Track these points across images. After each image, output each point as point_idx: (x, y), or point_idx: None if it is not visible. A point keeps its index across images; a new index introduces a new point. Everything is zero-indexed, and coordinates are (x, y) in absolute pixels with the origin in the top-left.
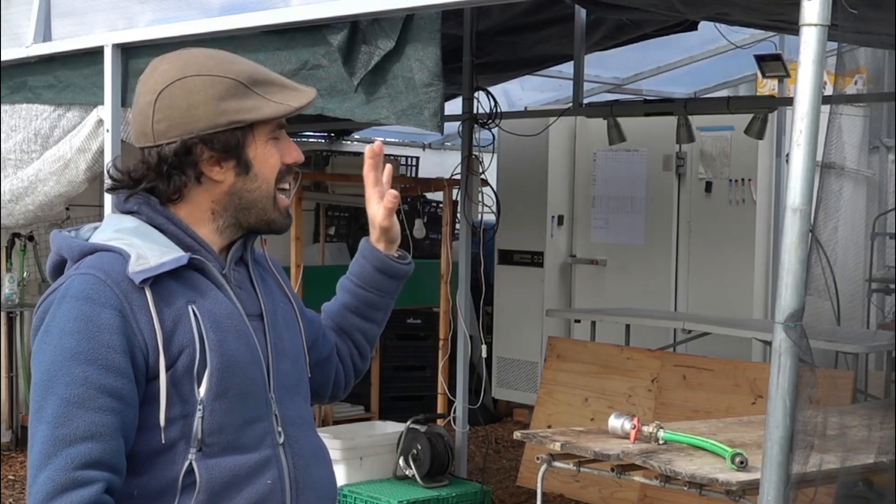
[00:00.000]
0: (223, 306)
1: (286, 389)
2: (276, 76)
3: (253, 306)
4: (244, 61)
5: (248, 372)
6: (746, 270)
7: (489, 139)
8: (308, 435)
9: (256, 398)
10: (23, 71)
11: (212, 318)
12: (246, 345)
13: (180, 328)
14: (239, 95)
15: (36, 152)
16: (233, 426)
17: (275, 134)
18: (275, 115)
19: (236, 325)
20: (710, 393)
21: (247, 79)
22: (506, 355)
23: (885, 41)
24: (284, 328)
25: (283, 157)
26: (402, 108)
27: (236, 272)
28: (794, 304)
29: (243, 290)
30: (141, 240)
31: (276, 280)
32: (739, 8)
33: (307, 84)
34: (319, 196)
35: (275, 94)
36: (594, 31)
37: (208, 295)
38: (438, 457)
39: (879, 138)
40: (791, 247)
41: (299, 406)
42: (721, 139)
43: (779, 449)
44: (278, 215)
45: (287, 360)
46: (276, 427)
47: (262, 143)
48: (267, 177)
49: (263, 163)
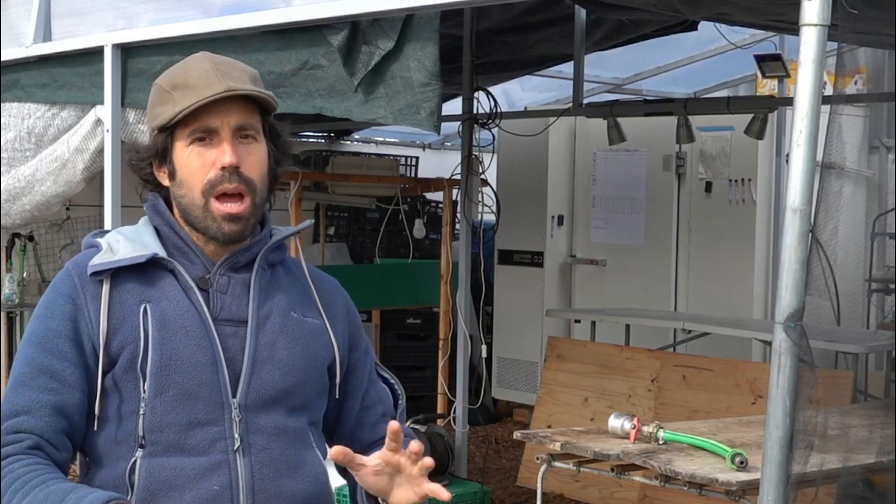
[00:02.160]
0: (180, 308)
1: (264, 398)
2: (202, 77)
3: (237, 311)
4: (201, 67)
5: (195, 373)
6: (746, 270)
7: (489, 139)
8: (287, 446)
9: (206, 400)
10: (16, 69)
11: (161, 318)
12: (197, 346)
13: (127, 324)
14: (162, 101)
15: (30, 151)
16: (175, 426)
17: (195, 136)
18: (168, 118)
19: (188, 326)
20: (710, 393)
21: (169, 83)
22: (506, 355)
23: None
24: (286, 338)
25: (214, 161)
26: (400, 108)
27: (226, 277)
28: (794, 304)
29: (228, 295)
30: (128, 238)
31: (305, 290)
32: (739, 8)
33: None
34: (319, 196)
35: (184, 97)
36: (594, 31)
37: (168, 296)
38: (438, 457)
39: (879, 138)
40: (791, 247)
41: (281, 417)
42: (721, 139)
43: (779, 449)
44: (212, 223)
45: (274, 369)
46: (233, 433)
47: (181, 147)
48: (191, 183)
49: (184, 168)
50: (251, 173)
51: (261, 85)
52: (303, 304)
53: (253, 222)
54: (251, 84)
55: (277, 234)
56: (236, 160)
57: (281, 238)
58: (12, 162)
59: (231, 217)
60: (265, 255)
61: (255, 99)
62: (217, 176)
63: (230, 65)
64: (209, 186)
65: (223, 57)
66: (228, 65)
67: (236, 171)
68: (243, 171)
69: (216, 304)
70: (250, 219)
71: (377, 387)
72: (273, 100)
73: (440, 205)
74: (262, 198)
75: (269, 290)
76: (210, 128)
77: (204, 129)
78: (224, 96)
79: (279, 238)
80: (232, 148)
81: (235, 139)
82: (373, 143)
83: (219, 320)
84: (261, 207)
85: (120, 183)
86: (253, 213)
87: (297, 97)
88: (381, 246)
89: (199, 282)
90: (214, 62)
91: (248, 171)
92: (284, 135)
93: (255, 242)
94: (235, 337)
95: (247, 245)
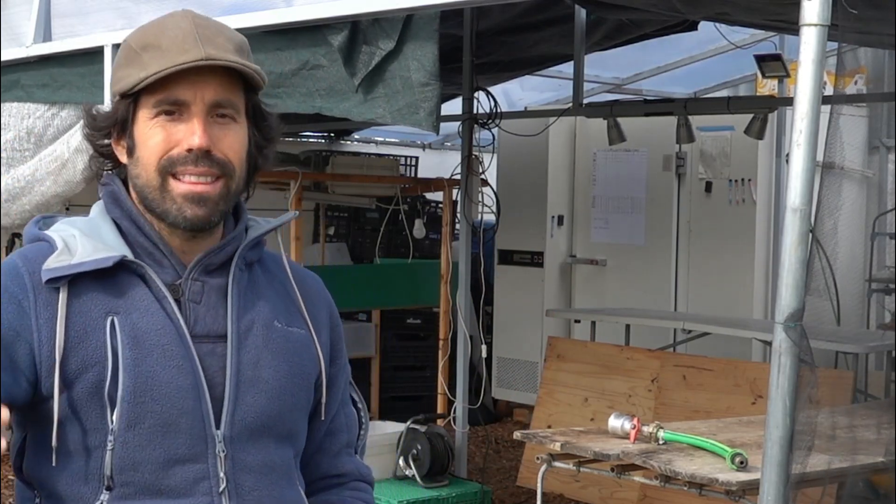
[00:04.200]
0: (154, 321)
1: (250, 428)
2: (178, 39)
3: (213, 324)
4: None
5: (176, 400)
6: (746, 270)
7: (489, 139)
8: (273, 485)
9: (188, 433)
10: (16, 69)
11: (133, 334)
12: (176, 368)
13: (89, 341)
14: (128, 62)
15: (29, 151)
16: (151, 464)
17: (162, 108)
18: (132, 83)
19: (165, 344)
20: (710, 393)
21: (139, 42)
22: (506, 355)
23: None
24: (271, 354)
25: (180, 140)
26: (398, 108)
27: (199, 282)
28: (794, 304)
29: (202, 305)
30: (85, 233)
31: (289, 294)
32: (739, 8)
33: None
34: (319, 196)
35: (153, 60)
36: (594, 31)
37: (139, 306)
38: (438, 457)
39: (879, 138)
40: (791, 247)
41: (269, 450)
42: (721, 139)
43: (779, 449)
44: (171, 205)
45: (260, 392)
46: (218, 471)
47: (144, 119)
48: (146, 161)
49: (143, 145)
50: (226, 154)
51: (248, 56)
52: (287, 312)
53: (222, 209)
54: (236, 54)
55: (255, 229)
56: (207, 142)
57: (261, 234)
58: (11, 162)
59: (195, 197)
60: (242, 254)
61: (239, 72)
62: (180, 155)
63: (215, 29)
64: (168, 163)
65: (209, 18)
66: (213, 29)
67: (206, 154)
68: (215, 154)
69: (189, 316)
70: (219, 203)
71: (347, 410)
72: (261, 76)
73: (440, 205)
74: (239, 185)
75: (249, 297)
76: (180, 100)
77: (173, 101)
78: (201, 65)
79: (259, 233)
80: (203, 127)
81: (210, 117)
82: (373, 143)
83: (194, 336)
84: (235, 196)
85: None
86: (224, 197)
87: (298, 97)
88: (381, 246)
89: (170, 289)
90: (196, 23)
91: (222, 153)
92: (271, 119)
93: (231, 239)
94: (213, 355)
95: (221, 243)
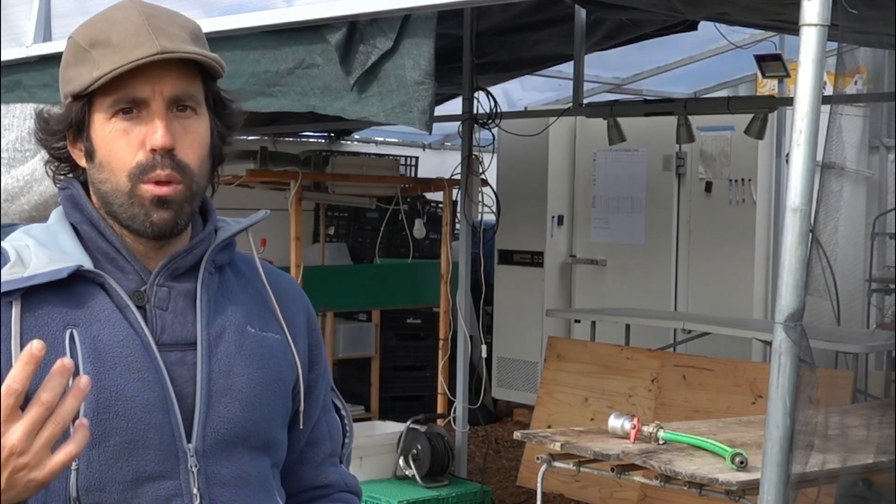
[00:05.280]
0: (116, 332)
1: (224, 440)
2: (129, 33)
3: (182, 332)
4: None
5: (142, 415)
6: (746, 270)
7: (489, 139)
8: (250, 498)
9: (157, 449)
10: (18, 70)
11: (93, 347)
12: (141, 381)
13: (48, 356)
14: (77, 61)
15: (30, 151)
16: (119, 483)
17: (119, 107)
18: (85, 84)
19: (129, 356)
20: (710, 393)
21: (87, 38)
22: (506, 355)
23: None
24: (244, 360)
25: (143, 140)
26: (392, 106)
27: (165, 288)
28: (794, 304)
29: (169, 312)
30: (41, 242)
31: (262, 297)
32: (739, 8)
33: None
34: (319, 196)
35: (104, 58)
36: (594, 31)
37: (100, 317)
38: (438, 457)
39: (879, 138)
40: (791, 247)
41: (243, 462)
42: (721, 139)
43: (779, 449)
44: (139, 210)
45: (233, 402)
46: (191, 487)
47: (101, 120)
48: (113, 166)
49: (105, 147)
50: (186, 156)
51: (203, 44)
52: (261, 316)
53: (187, 211)
54: (192, 43)
55: (225, 229)
56: (170, 141)
57: (231, 235)
58: (13, 162)
59: (160, 200)
60: (211, 257)
61: (197, 63)
62: (148, 159)
63: (166, 18)
64: (138, 171)
65: (159, 6)
66: (164, 18)
67: (169, 153)
68: (177, 155)
69: (155, 324)
70: (183, 206)
71: (329, 418)
72: (219, 64)
73: (440, 205)
74: (201, 184)
75: (220, 301)
76: (138, 98)
77: (130, 100)
78: (157, 59)
79: (228, 235)
80: (165, 125)
81: (170, 112)
82: (373, 143)
83: (161, 345)
84: (199, 195)
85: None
86: (187, 199)
87: (292, 96)
88: (381, 246)
89: (134, 297)
90: (147, 13)
91: (183, 154)
92: (231, 106)
93: (199, 241)
94: (182, 364)
95: (188, 245)
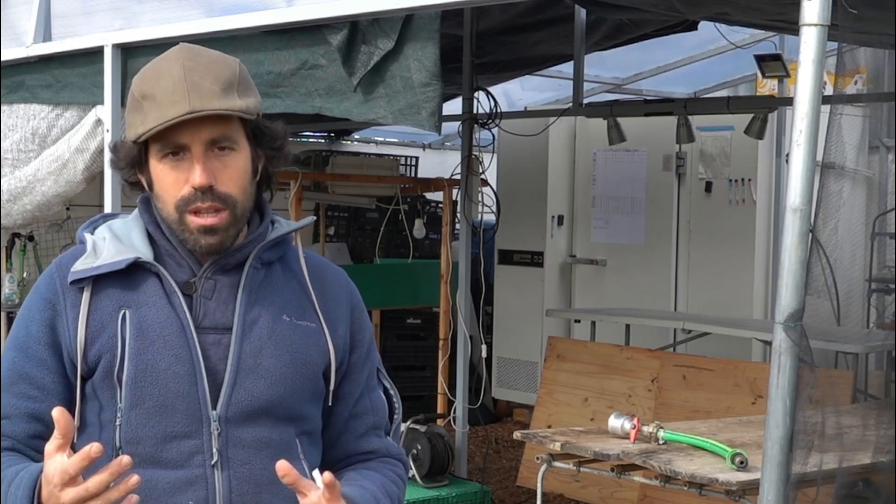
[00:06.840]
0: (160, 314)
1: (248, 410)
2: (168, 90)
3: (222, 318)
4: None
5: (172, 384)
6: (746, 270)
7: (489, 139)
8: (268, 459)
9: (184, 413)
10: (20, 70)
11: (140, 326)
12: (174, 356)
13: (105, 331)
14: (132, 109)
15: (33, 152)
16: (151, 439)
17: (166, 151)
18: (137, 134)
19: (167, 335)
20: (710, 393)
21: (139, 90)
22: (506, 355)
23: (885, 41)
24: (274, 344)
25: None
26: (400, 108)
27: (212, 280)
28: (794, 304)
29: (213, 301)
30: (114, 236)
31: (302, 290)
32: (739, 8)
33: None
34: (319, 196)
35: (150, 112)
36: (594, 31)
37: (150, 301)
38: (438, 457)
39: (879, 138)
40: (791, 247)
41: (265, 429)
42: (721, 139)
43: (779, 449)
44: (189, 236)
45: (259, 378)
46: (211, 446)
47: (154, 161)
48: (164, 198)
49: (158, 182)
50: (227, 188)
51: (237, 90)
52: (299, 307)
53: (233, 233)
54: (221, 97)
55: (278, 230)
56: (207, 180)
57: (279, 236)
58: (17, 163)
59: (206, 229)
60: (259, 254)
61: None
62: (190, 194)
63: (203, 71)
64: (182, 203)
65: (200, 56)
66: (200, 72)
67: (210, 190)
68: (218, 189)
69: (199, 310)
70: (229, 230)
71: (373, 395)
72: (247, 111)
73: (440, 205)
74: (246, 206)
75: (261, 293)
76: (180, 144)
77: (174, 146)
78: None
79: (277, 236)
80: (202, 166)
81: (210, 152)
82: (373, 143)
83: (202, 328)
84: (244, 216)
85: (120, 183)
86: (232, 223)
87: (297, 97)
88: (381, 246)
89: (184, 286)
90: (186, 68)
91: (224, 187)
92: (272, 132)
93: (248, 242)
94: (219, 345)
95: (238, 245)
